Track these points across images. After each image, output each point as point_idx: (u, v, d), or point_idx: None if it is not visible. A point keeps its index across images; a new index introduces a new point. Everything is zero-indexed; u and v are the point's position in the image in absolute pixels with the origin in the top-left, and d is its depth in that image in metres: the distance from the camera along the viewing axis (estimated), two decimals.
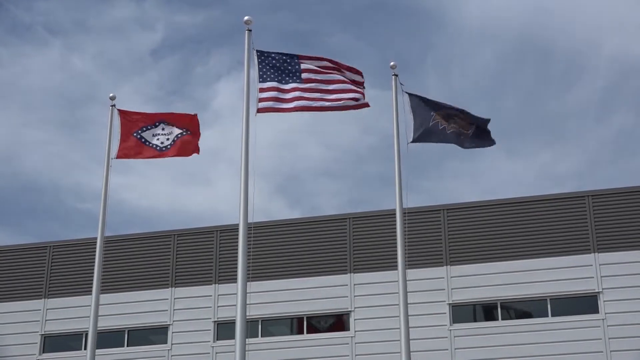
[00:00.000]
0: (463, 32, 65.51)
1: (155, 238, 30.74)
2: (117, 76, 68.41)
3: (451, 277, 27.57)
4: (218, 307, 28.94)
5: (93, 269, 20.20)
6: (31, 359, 30.07)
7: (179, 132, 20.13)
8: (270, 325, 28.71)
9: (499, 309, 27.23)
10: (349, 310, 28.04)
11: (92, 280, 20.18)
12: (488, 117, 20.20)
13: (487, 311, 27.45)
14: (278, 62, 17.92)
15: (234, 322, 15.77)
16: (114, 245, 30.02)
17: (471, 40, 65.49)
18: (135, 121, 20.41)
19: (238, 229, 16.47)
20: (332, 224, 29.31)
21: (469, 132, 19.93)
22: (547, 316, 26.70)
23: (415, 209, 27.25)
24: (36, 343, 30.28)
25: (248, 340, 16.93)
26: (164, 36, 71.33)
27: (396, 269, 18.46)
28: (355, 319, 27.85)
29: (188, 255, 30.09)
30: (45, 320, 30.43)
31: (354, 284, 28.24)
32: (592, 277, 26.57)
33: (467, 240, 27.94)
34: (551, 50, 62.25)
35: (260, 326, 28.56)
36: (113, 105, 20.76)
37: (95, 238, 20.29)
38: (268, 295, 28.42)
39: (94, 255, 20.32)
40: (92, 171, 65.85)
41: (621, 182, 42.63)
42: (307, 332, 28.32)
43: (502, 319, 27.09)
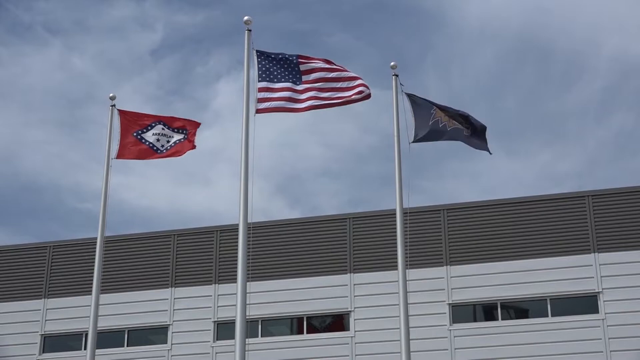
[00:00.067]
0: (463, 32, 65.52)
1: (155, 238, 30.73)
2: (117, 76, 68.41)
3: (451, 277, 27.56)
4: (218, 307, 28.93)
5: (93, 269, 20.21)
6: (31, 359, 30.07)
7: (180, 138, 20.19)
8: (270, 325, 28.70)
9: (499, 309, 27.22)
10: (349, 310, 28.03)
11: (92, 280, 20.17)
12: (485, 125, 20.14)
13: (487, 311, 27.44)
14: (278, 63, 17.93)
15: (234, 322, 15.76)
16: (114, 245, 30.01)
17: (471, 40, 65.50)
18: (135, 121, 20.42)
19: (238, 229, 16.46)
20: (332, 224, 29.30)
21: (469, 131, 19.90)
22: (547, 316, 26.69)
23: (415, 209, 27.17)
24: (36, 343, 30.27)
25: (248, 340, 16.90)
26: (164, 36, 71.37)
27: (396, 269, 18.44)
28: (355, 319, 27.84)
29: (188, 255, 30.08)
30: (45, 320, 30.43)
31: (354, 284, 28.23)
32: (592, 277, 26.56)
33: (467, 240, 27.93)
34: (551, 50, 62.28)
35: (260, 326, 28.55)
36: (113, 105, 20.76)
37: (95, 238, 20.31)
38: (268, 295, 28.41)
39: (94, 255, 20.34)
40: (92, 171, 65.86)
41: (621, 182, 42.62)
42: (307, 332, 28.31)
43: (502, 319, 27.09)
